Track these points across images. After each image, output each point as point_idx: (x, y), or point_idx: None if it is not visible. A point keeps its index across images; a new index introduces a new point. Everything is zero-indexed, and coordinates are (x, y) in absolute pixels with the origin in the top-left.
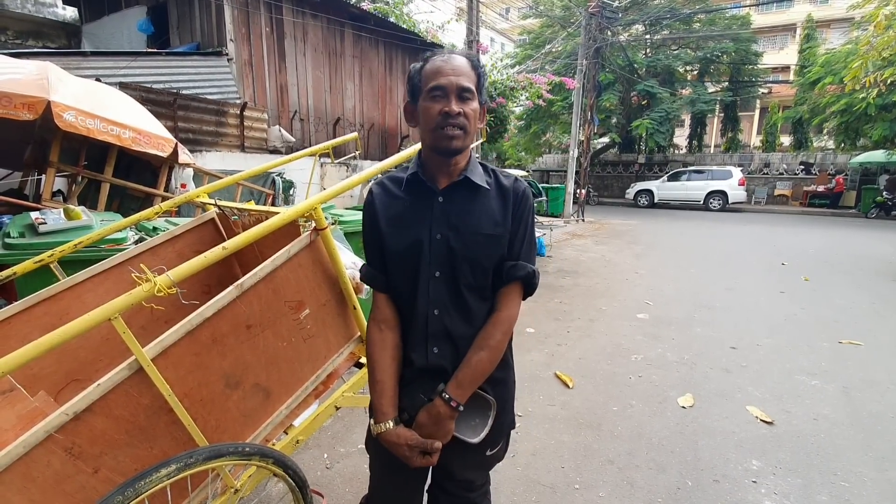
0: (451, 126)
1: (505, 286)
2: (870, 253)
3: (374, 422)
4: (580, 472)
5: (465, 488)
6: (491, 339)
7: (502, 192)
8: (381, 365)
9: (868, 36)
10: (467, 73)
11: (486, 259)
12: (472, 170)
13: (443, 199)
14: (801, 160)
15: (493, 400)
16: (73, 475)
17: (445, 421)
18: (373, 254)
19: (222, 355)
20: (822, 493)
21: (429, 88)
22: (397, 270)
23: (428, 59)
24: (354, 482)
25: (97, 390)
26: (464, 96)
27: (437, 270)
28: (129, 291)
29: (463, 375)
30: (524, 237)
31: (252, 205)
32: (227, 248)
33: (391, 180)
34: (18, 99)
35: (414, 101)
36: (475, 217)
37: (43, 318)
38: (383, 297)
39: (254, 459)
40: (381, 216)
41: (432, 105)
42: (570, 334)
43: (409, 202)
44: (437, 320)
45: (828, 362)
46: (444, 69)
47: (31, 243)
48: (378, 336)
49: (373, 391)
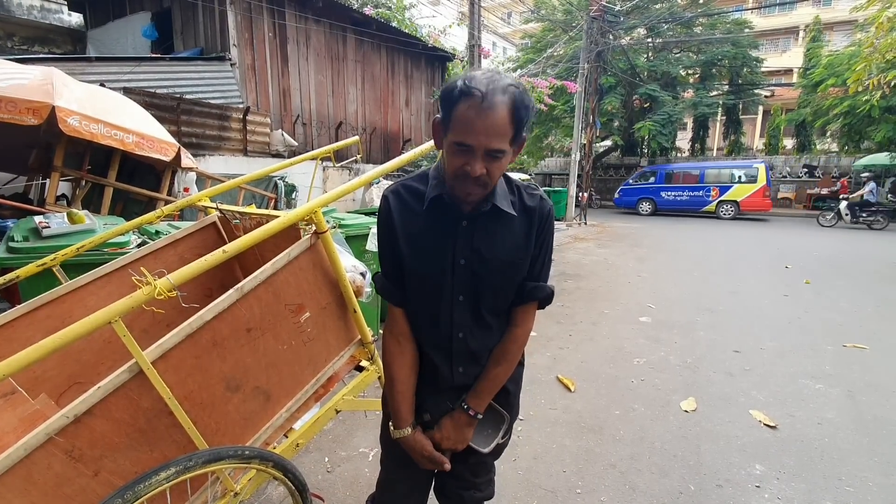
0: (472, 185)
1: (524, 304)
2: (875, 256)
3: (393, 427)
4: (582, 477)
5: (474, 473)
6: (509, 354)
7: (527, 214)
8: (401, 376)
9: (871, 38)
10: (502, 131)
11: (509, 284)
12: (499, 196)
13: (467, 223)
14: (805, 163)
15: (506, 414)
16: (73, 478)
17: (465, 428)
18: (389, 267)
19: (222, 358)
20: (826, 497)
21: (456, 142)
22: (418, 291)
23: (465, 91)
24: (355, 486)
25: (97, 393)
26: (492, 156)
27: (461, 295)
28: (130, 294)
29: (482, 387)
30: (545, 259)
31: (253, 208)
32: (227, 252)
33: (409, 192)
34: (24, 104)
35: (443, 123)
36: (499, 243)
37: (46, 321)
38: (399, 312)
39: (253, 463)
40: (400, 231)
41: (455, 158)
42: (572, 338)
43: (431, 222)
44: (461, 342)
45: (832, 366)
46: (475, 126)
47: (35, 247)
48: (397, 349)
49: (392, 400)
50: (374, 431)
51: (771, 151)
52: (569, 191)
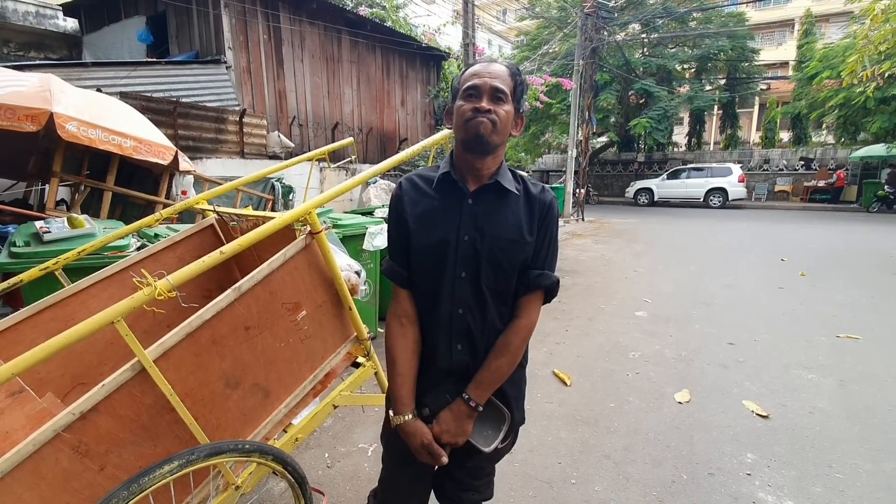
0: (481, 116)
1: (529, 294)
2: (871, 247)
3: (392, 413)
4: (577, 468)
5: (472, 476)
6: (511, 346)
7: (530, 200)
8: (402, 359)
9: (865, 30)
10: (504, 77)
11: (509, 263)
12: (503, 175)
13: (472, 201)
14: (801, 156)
15: (507, 413)
16: (80, 472)
17: (465, 420)
18: (396, 249)
19: (222, 356)
20: (816, 484)
21: (464, 88)
22: (422, 268)
23: (470, 65)
24: (355, 481)
25: (102, 391)
26: (497, 97)
27: (463, 271)
28: (131, 295)
29: (482, 378)
30: (549, 247)
31: (250, 210)
32: (224, 253)
33: (421, 178)
34: (22, 111)
35: (453, 99)
36: (502, 222)
37: (49, 323)
38: (405, 293)
39: (253, 456)
40: (409, 212)
41: (465, 103)
42: (568, 333)
43: (438, 201)
44: (460, 319)
45: (825, 356)
46: (480, 72)
47: (36, 252)
48: (399, 331)
49: (393, 383)
50: (373, 428)
51: (767, 144)
52: (566, 187)
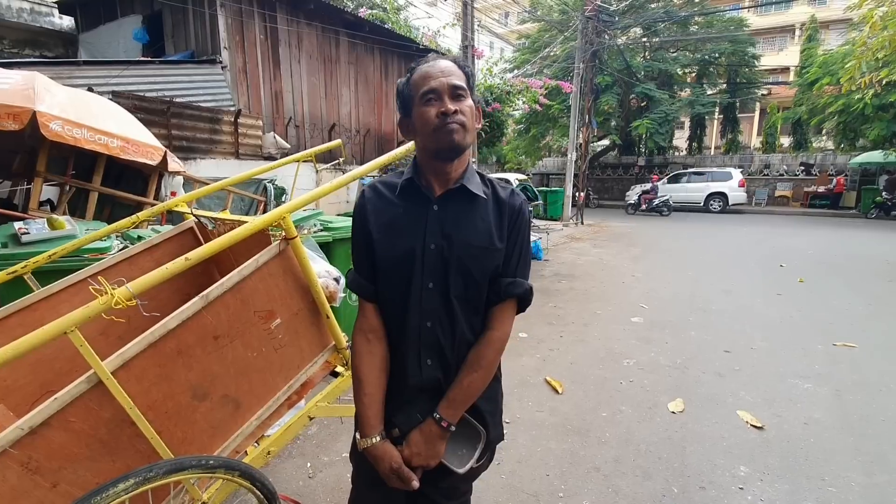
0: (451, 122)
1: (501, 303)
2: (869, 254)
3: (359, 436)
4: (565, 480)
5: (447, 496)
6: (483, 360)
7: (499, 205)
8: (369, 377)
9: (864, 37)
10: (456, 72)
11: (479, 272)
12: (469, 178)
13: (438, 207)
14: (802, 161)
15: (483, 431)
16: (30, 490)
17: (437, 441)
18: (361, 260)
19: (188, 367)
20: (808, 498)
21: (421, 94)
22: (388, 279)
23: (413, 69)
24: (337, 492)
25: (54, 404)
26: (457, 94)
27: (431, 281)
28: (87, 304)
29: (454, 395)
30: (520, 253)
31: (227, 214)
32: (189, 259)
33: (385, 185)
34: (3, 109)
35: (407, 115)
36: (470, 228)
37: (17, 328)
38: (371, 307)
39: (218, 472)
40: (373, 221)
41: (428, 109)
42: (563, 339)
43: (402, 209)
44: (429, 332)
45: (821, 365)
46: (432, 73)
47: (13, 253)
48: (366, 347)
49: (359, 403)
50: None
51: (768, 149)
52: (565, 190)
